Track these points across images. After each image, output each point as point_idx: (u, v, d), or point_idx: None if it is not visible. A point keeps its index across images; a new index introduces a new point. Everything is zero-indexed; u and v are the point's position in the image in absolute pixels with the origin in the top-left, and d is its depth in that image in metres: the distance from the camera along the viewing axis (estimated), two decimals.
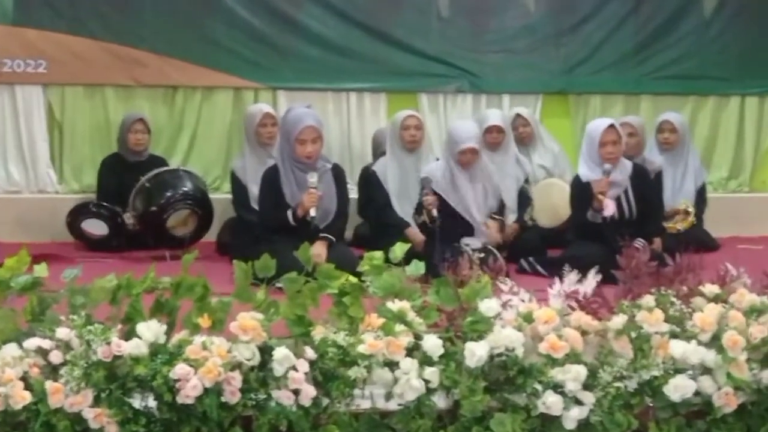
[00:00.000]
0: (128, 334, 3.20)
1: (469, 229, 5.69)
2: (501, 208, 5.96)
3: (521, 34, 7.98)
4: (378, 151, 6.92)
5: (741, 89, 8.26)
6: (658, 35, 8.10)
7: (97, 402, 3.07)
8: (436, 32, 7.88)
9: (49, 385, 3.05)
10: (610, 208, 5.50)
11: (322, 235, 5.42)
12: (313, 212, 5.33)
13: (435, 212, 5.49)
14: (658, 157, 6.89)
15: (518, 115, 7.22)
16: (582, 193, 5.65)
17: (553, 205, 6.59)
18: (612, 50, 8.06)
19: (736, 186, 8.31)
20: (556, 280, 3.57)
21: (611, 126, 5.62)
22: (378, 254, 3.53)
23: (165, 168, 6.63)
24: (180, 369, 3.05)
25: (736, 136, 8.33)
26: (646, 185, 5.82)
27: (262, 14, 7.64)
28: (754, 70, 8.20)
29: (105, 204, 6.60)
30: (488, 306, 3.39)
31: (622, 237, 5.22)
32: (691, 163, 7.13)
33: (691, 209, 6.74)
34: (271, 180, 5.55)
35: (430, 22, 7.87)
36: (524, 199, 6.52)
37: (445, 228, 5.49)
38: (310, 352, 3.21)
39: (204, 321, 3.23)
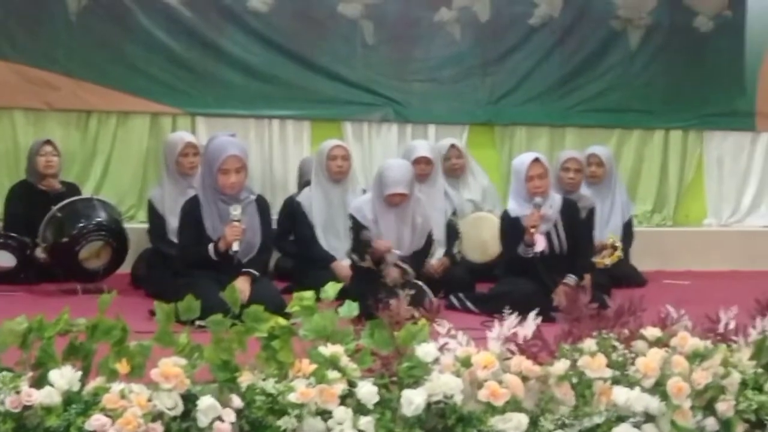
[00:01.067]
0: (39, 382, 2.97)
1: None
2: (428, 246, 5.76)
3: (447, 63, 7.94)
4: (303, 180, 6.74)
5: (665, 123, 8.34)
6: (583, 68, 8.15)
7: None
8: (360, 60, 7.79)
9: None
10: (541, 243, 5.48)
11: (244, 269, 5.23)
12: (236, 246, 5.13)
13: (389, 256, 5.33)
14: (586, 190, 6.84)
15: (453, 146, 7.09)
16: (512, 228, 5.61)
17: (482, 241, 6.54)
18: (538, 82, 8.07)
19: (660, 220, 8.37)
20: (495, 322, 3.43)
21: (536, 160, 5.61)
22: (309, 294, 3.35)
23: (78, 197, 6.37)
24: (96, 420, 2.83)
25: (660, 170, 8.40)
26: (576, 219, 5.79)
27: (182, 38, 7.46)
28: (678, 104, 8.31)
29: (12, 234, 6.33)
30: (426, 351, 3.23)
31: (556, 273, 5.22)
32: (618, 198, 7.15)
33: (618, 244, 6.71)
34: (191, 212, 5.33)
35: (355, 49, 7.78)
36: (452, 233, 6.41)
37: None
38: (236, 401, 3.02)
39: (122, 367, 3.01)
